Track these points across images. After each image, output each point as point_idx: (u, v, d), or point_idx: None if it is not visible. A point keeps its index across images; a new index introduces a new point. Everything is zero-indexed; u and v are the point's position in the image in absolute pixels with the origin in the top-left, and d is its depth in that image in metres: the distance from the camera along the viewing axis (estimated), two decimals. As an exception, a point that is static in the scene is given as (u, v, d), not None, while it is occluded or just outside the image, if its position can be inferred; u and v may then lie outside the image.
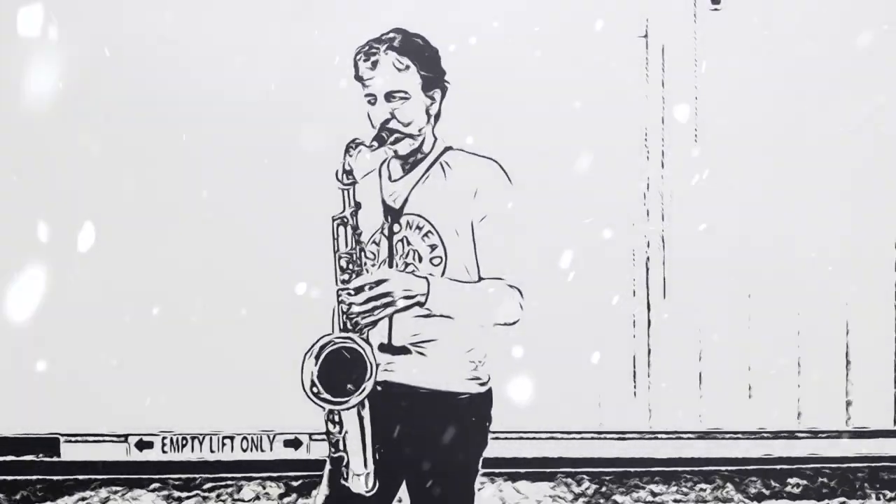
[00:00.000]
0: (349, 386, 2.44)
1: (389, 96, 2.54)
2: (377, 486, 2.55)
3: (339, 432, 2.53)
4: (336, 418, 2.52)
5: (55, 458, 3.92)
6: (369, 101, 2.57)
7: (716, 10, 4.08)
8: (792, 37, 4.05)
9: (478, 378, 2.63)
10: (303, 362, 2.42)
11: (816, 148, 4.06)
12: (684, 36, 4.09)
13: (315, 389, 2.41)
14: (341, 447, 2.54)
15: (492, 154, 2.61)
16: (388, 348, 2.61)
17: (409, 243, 2.58)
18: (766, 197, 4.06)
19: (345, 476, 2.55)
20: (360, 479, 2.54)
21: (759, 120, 4.04)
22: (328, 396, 2.42)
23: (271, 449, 3.94)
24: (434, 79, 2.59)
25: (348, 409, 2.47)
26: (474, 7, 3.94)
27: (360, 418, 2.51)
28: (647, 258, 4.09)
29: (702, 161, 4.08)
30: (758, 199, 4.06)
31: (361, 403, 2.49)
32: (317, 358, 2.41)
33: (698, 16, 4.09)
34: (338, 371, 2.44)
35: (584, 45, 4.01)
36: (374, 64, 2.53)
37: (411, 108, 2.55)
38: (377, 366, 2.47)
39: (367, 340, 2.47)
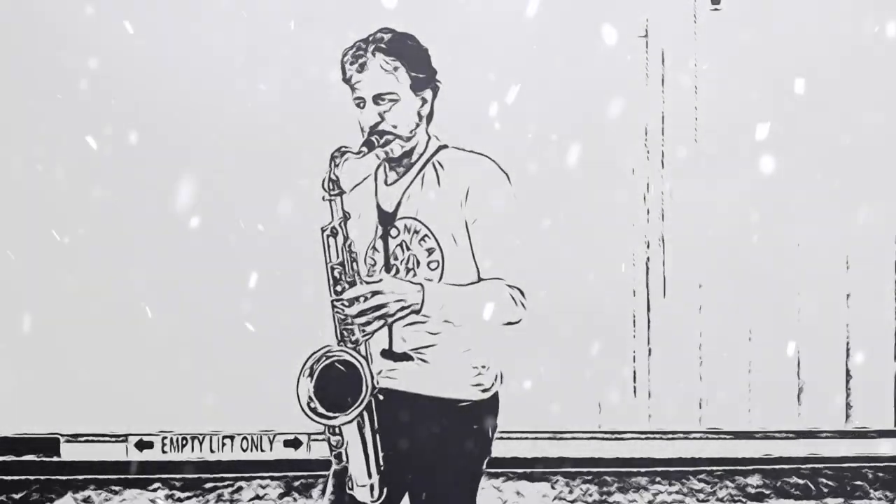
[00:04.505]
0: (349, 399, 2.42)
1: (378, 99, 2.47)
2: (384, 494, 2.52)
3: (341, 443, 2.51)
4: (337, 429, 2.50)
5: (55, 458, 3.94)
6: (358, 105, 2.51)
7: (716, 10, 4.07)
8: (792, 37, 4.03)
9: (480, 384, 2.60)
10: (298, 378, 2.39)
11: (816, 147, 4.05)
12: (684, 36, 4.08)
13: (312, 405, 2.38)
14: (344, 458, 2.52)
15: (490, 154, 2.58)
16: (389, 354, 2.57)
17: (407, 248, 2.54)
18: (766, 196, 4.05)
19: (350, 486, 2.53)
20: (365, 490, 2.52)
21: (759, 120, 4.03)
22: (324, 412, 2.39)
23: (271, 449, 3.94)
24: (424, 79, 2.54)
25: (342, 424, 2.45)
26: (473, 6, 3.94)
27: (361, 429, 2.49)
28: (647, 258, 4.08)
29: (702, 161, 4.07)
30: (758, 199, 4.05)
31: (360, 416, 2.46)
32: (311, 376, 2.39)
33: (698, 16, 4.08)
34: (337, 383, 2.42)
35: (584, 45, 4.00)
36: (362, 66, 2.46)
37: (401, 109, 2.49)
38: (373, 378, 2.44)
39: (361, 352, 2.44)
